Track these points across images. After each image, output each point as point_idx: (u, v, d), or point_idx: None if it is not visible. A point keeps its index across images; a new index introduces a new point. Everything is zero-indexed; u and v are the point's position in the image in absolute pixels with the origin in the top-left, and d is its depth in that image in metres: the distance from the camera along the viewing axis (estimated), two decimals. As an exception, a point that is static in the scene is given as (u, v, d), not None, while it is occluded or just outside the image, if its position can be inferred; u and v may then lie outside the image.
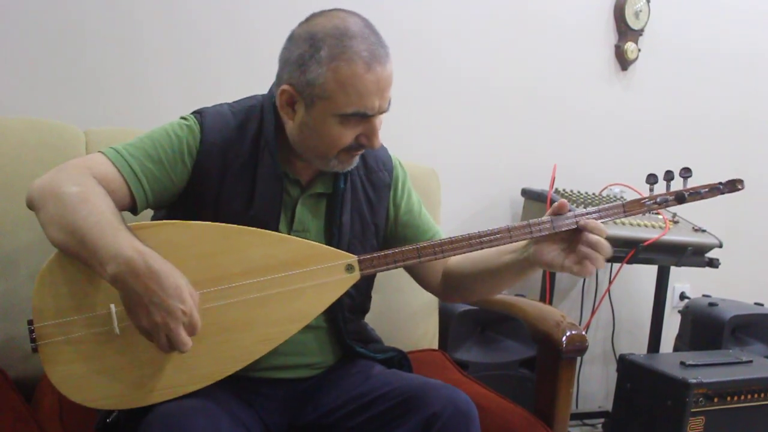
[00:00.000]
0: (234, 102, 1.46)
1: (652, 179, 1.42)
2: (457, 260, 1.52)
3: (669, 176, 1.40)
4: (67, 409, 1.41)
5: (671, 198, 1.40)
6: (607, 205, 1.39)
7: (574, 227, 1.35)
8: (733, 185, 1.41)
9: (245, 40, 2.18)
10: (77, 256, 1.19)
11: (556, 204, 1.37)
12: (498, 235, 1.36)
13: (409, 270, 1.58)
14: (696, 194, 1.40)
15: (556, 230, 1.35)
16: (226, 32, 2.16)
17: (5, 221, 1.61)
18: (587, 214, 1.36)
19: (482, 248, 1.37)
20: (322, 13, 1.33)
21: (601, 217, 1.37)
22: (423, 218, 1.59)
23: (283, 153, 1.40)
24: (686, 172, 1.41)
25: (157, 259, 1.15)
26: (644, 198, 1.41)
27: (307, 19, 1.33)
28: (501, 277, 1.45)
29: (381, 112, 1.33)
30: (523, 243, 1.40)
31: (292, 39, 1.33)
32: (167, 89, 2.10)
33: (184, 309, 1.15)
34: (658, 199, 1.40)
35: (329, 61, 1.26)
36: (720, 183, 1.41)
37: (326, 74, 1.26)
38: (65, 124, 1.76)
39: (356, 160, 1.40)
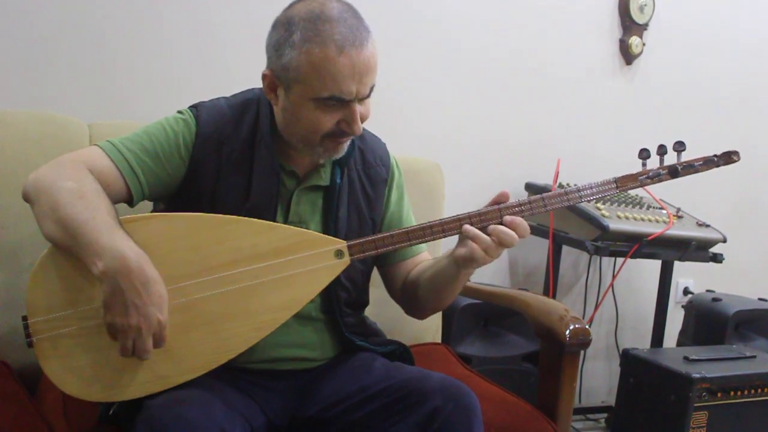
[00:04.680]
0: (231, 96, 1.46)
1: (644, 154, 1.38)
2: (415, 272, 1.53)
3: (662, 150, 1.36)
4: (70, 401, 1.41)
5: (664, 172, 1.36)
6: (599, 181, 1.37)
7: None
8: (728, 157, 1.36)
9: (248, 33, 2.17)
10: (69, 250, 1.20)
11: (498, 194, 1.35)
12: (489, 214, 1.33)
13: (381, 272, 1.59)
14: (690, 167, 1.36)
15: (548, 208, 1.34)
16: (229, 25, 2.16)
17: (8, 213, 1.61)
18: (581, 190, 1.35)
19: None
20: None
21: (594, 194, 1.36)
22: (409, 222, 1.59)
23: (280, 144, 1.40)
24: (680, 146, 1.36)
25: (150, 265, 1.17)
26: (637, 173, 1.38)
27: (290, 5, 1.33)
28: (439, 282, 1.44)
29: (360, 97, 1.30)
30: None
31: (274, 25, 1.33)
32: (171, 82, 2.10)
33: (161, 320, 1.16)
34: (650, 174, 1.37)
35: (302, 44, 1.26)
36: (714, 155, 1.37)
37: (299, 57, 1.26)
38: (69, 116, 1.76)
39: (344, 148, 1.39)
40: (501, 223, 1.31)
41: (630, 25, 2.82)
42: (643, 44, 2.86)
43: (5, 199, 1.61)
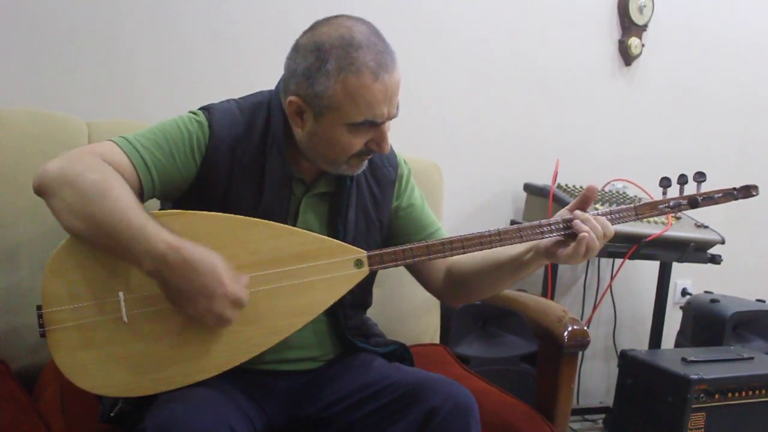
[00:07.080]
0: (240, 98, 1.45)
1: (665, 182, 1.40)
2: (461, 258, 1.50)
3: (683, 180, 1.39)
4: (69, 401, 1.42)
5: (685, 202, 1.39)
6: (618, 208, 1.38)
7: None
8: (747, 191, 1.40)
9: (249, 32, 2.17)
10: (101, 246, 1.20)
11: (587, 189, 1.36)
12: (508, 235, 1.36)
13: (411, 269, 1.57)
14: (709, 199, 1.38)
15: (566, 232, 1.35)
16: (230, 24, 2.16)
17: (7, 213, 1.61)
18: (597, 215, 1.36)
19: (491, 247, 1.37)
20: (327, 21, 1.31)
21: (612, 220, 1.37)
22: (425, 213, 1.58)
23: (290, 151, 1.40)
24: (700, 177, 1.38)
25: (188, 247, 1.17)
26: (658, 201, 1.40)
27: (312, 28, 1.32)
28: (507, 272, 1.44)
29: (390, 118, 1.33)
30: None
31: (297, 49, 1.31)
32: (171, 81, 2.09)
33: (225, 291, 1.17)
34: (671, 203, 1.39)
35: (337, 73, 1.25)
36: (734, 188, 1.40)
37: (335, 86, 1.26)
38: (68, 115, 1.76)
39: (365, 163, 1.40)
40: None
41: (629, 26, 2.82)
42: (642, 45, 2.86)
43: (4, 198, 1.61)
